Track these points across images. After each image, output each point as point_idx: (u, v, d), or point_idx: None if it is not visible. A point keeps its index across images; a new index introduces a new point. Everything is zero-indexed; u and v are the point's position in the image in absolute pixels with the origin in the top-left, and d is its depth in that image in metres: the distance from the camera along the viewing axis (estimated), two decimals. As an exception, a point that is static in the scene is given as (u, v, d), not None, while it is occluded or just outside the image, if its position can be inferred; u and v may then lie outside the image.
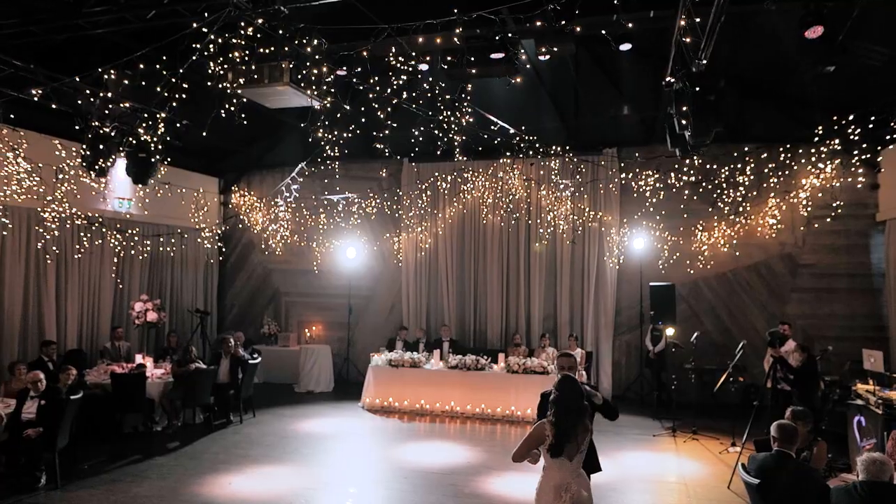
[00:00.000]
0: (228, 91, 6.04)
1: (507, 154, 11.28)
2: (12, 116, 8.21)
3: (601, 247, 11.75)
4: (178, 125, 7.73)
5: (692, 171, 10.71)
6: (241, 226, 13.83)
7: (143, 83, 6.15)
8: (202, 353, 11.32)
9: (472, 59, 7.23)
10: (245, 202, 13.51)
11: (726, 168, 10.67)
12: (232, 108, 6.23)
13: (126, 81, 5.98)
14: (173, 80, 5.80)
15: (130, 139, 6.47)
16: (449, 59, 7.91)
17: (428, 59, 7.03)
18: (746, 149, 10.64)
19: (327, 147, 9.71)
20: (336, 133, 10.44)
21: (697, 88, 4.91)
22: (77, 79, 5.89)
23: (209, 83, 5.85)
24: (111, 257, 11.12)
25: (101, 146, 6.48)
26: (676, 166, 10.80)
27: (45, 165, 8.12)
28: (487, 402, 10.05)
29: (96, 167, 6.78)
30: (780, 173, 10.77)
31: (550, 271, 12.09)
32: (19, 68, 6.73)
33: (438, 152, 11.99)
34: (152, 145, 6.90)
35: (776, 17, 7.32)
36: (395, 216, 12.83)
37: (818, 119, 9.28)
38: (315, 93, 6.40)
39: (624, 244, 11.52)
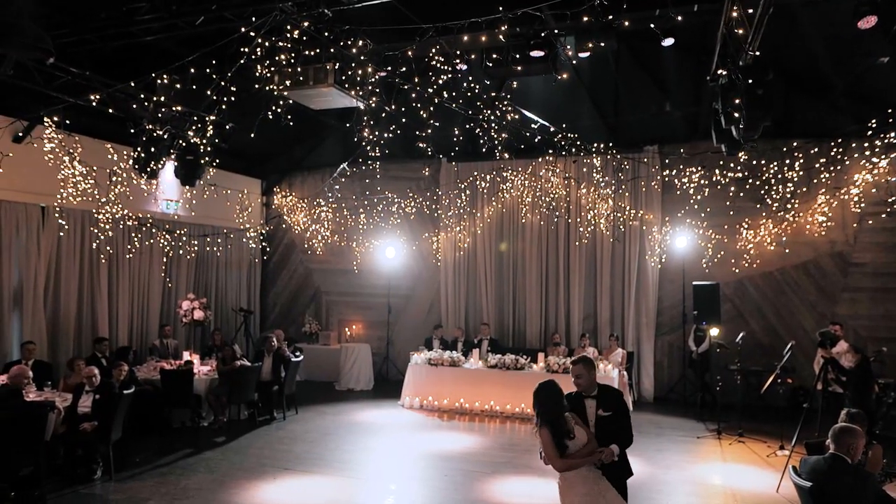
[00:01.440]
0: (275, 93, 6.17)
1: (549, 152, 11.23)
2: (68, 122, 8.58)
3: (642, 246, 11.57)
4: (226, 127, 7.92)
5: (738, 167, 10.44)
6: (283, 226, 14.11)
7: (194, 87, 6.34)
8: (245, 351, 11.60)
9: (516, 56, 7.23)
10: (287, 203, 13.78)
11: (774, 164, 10.37)
12: (279, 110, 6.35)
13: (177, 86, 6.16)
14: (222, 83, 5.96)
15: (180, 142, 6.66)
16: (493, 56, 7.95)
17: (472, 56, 7.04)
18: (795, 144, 10.33)
19: (368, 147, 9.81)
20: (377, 133, 10.60)
21: (749, 81, 4.77)
22: (131, 84, 6.11)
23: (256, 86, 5.99)
24: (160, 257, 11.48)
25: (152, 149, 6.70)
26: (721, 163, 10.55)
27: (100, 168, 8.42)
28: (528, 401, 9.93)
29: (148, 169, 7.01)
30: (830, 169, 10.42)
31: (590, 270, 11.97)
32: (75, 75, 7.02)
33: (479, 150, 12.09)
34: (201, 148, 7.10)
35: (827, 8, 7.11)
36: (434, 215, 12.89)
37: (871, 112, 8.95)
38: (359, 93, 6.48)
39: (666, 243, 11.32)
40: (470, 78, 9.06)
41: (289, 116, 6.45)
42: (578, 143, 10.77)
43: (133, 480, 6.72)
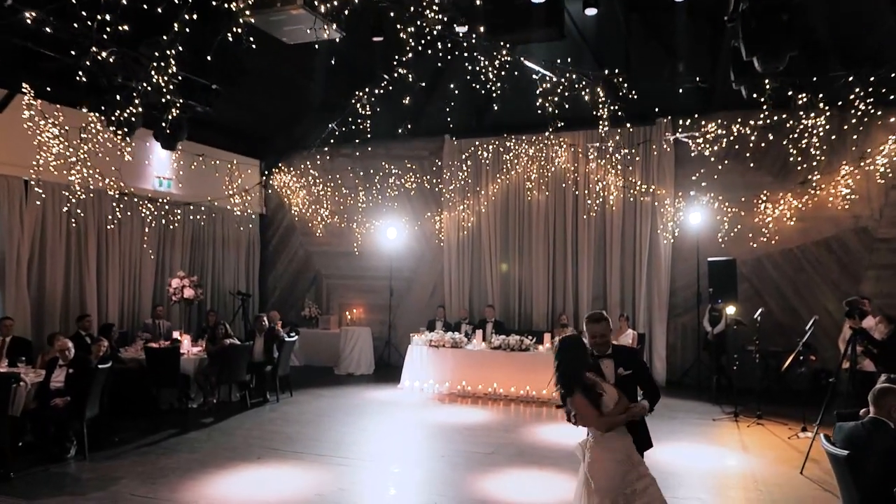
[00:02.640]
0: (236, 12, 5.54)
1: (558, 125, 10.75)
2: (49, 90, 8.19)
3: (654, 222, 11.02)
4: (211, 88, 7.46)
5: (755, 133, 9.84)
6: (283, 208, 13.72)
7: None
8: (242, 336, 11.20)
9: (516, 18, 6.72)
10: (286, 183, 13.38)
11: (795, 131, 9.75)
12: (239, 32, 5.81)
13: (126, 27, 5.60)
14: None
15: (145, 85, 6.20)
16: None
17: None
18: (818, 109, 9.69)
19: (366, 123, 9.39)
20: (377, 107, 10.18)
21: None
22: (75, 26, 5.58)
23: (214, 3, 5.48)
24: (152, 236, 11.10)
25: (117, 97, 6.26)
26: (737, 133, 9.99)
27: (72, 128, 8.00)
28: (532, 383, 9.52)
29: (117, 121, 6.51)
30: (854, 138, 9.82)
31: (599, 249, 11.44)
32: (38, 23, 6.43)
33: (483, 125, 11.62)
34: (166, 97, 6.57)
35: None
36: (437, 194, 12.43)
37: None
38: (333, 25, 5.96)
39: (679, 219, 10.76)
40: (472, 49, 8.62)
41: (251, 40, 5.87)
42: (586, 115, 10.28)
43: (109, 460, 6.31)
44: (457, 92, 10.47)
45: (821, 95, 8.77)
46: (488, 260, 12.02)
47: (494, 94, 9.26)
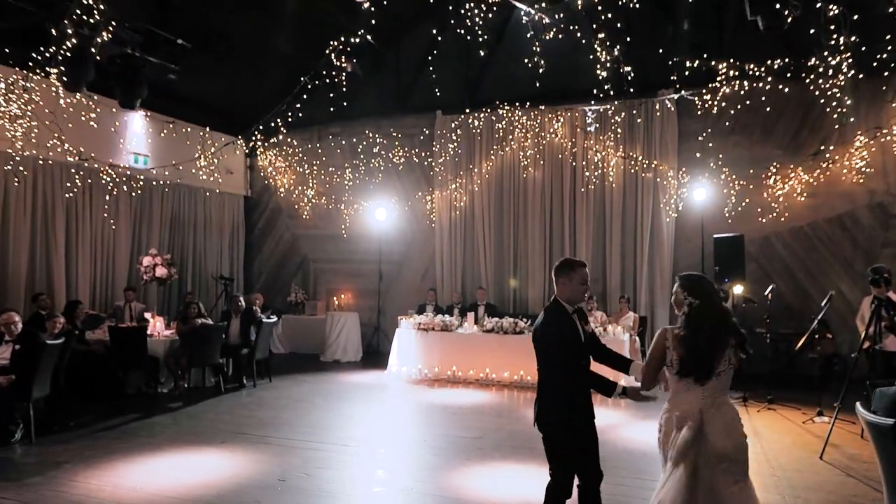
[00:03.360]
0: None
1: (556, 99, 10.22)
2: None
3: (656, 199, 10.43)
4: (176, 42, 6.87)
5: (763, 101, 9.26)
6: (269, 188, 13.15)
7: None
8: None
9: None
10: (272, 162, 12.82)
11: (807, 97, 9.13)
12: None
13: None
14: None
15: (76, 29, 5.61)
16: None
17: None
18: (834, 75, 9.09)
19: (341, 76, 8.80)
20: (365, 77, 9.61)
21: None
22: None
23: None
24: (127, 216, 10.53)
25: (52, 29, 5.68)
26: (745, 103, 9.43)
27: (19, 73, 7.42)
28: (526, 368, 8.93)
29: (52, 58, 5.89)
30: (869, 107, 9.23)
31: (598, 228, 10.85)
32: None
33: (476, 99, 11.03)
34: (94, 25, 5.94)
35: None
36: (428, 172, 11.85)
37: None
38: None
39: (682, 195, 10.17)
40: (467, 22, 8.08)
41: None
42: (585, 89, 9.72)
43: (58, 444, 5.74)
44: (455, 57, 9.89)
45: (840, 57, 8.15)
46: (482, 241, 11.43)
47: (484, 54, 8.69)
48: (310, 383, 8.99)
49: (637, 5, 8.34)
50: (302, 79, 9.51)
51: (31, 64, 6.43)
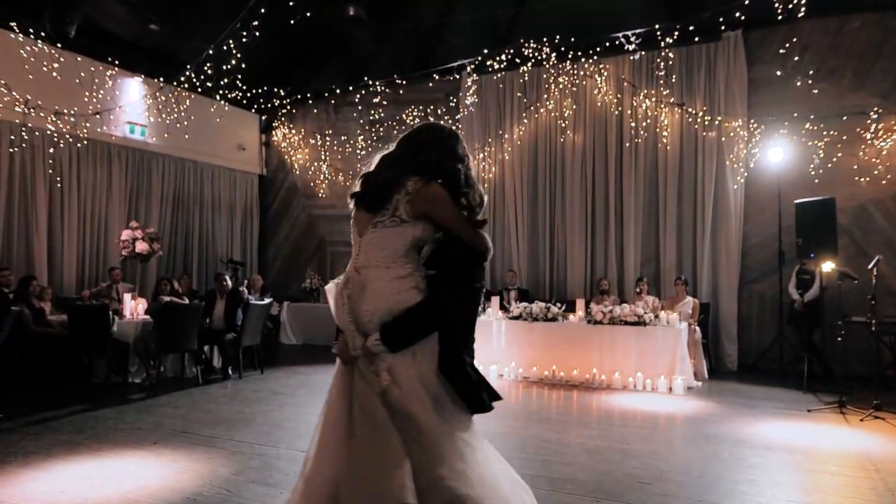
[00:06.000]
0: None
1: (599, 50, 8.69)
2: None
3: (720, 162, 8.71)
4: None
5: (855, 38, 7.44)
6: (285, 166, 12.13)
7: None
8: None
9: None
10: (286, 138, 11.79)
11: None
12: None
13: None
14: None
15: None
16: None
17: None
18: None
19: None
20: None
21: None
22: None
23: None
24: (120, 191, 9.64)
25: None
26: (831, 42, 7.63)
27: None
28: (560, 362, 7.43)
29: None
30: None
31: (651, 201, 9.20)
32: None
33: (506, 55, 9.61)
34: None
35: None
36: (452, 141, 10.48)
37: None
38: None
39: (754, 156, 8.41)
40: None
41: None
42: (631, 36, 8.18)
43: (-41, 440, 4.68)
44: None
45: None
46: (513, 216, 9.95)
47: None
48: (303, 375, 7.77)
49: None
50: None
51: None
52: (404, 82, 10.43)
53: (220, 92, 10.39)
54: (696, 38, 8.34)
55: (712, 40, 8.66)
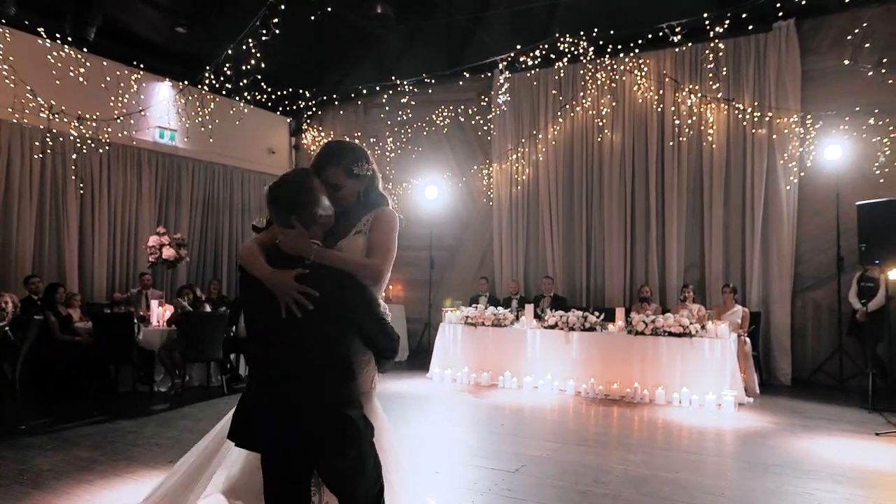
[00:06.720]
0: None
1: (639, 43, 8.24)
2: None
3: (771, 161, 8.16)
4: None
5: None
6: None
7: None
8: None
9: None
10: (315, 141, 11.63)
11: None
12: None
13: None
14: None
15: None
16: None
17: None
18: None
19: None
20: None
21: None
22: None
23: None
24: (150, 196, 9.58)
25: None
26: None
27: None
28: (599, 376, 7.01)
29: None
30: None
31: (695, 202, 8.70)
32: None
33: (540, 52, 9.22)
34: None
35: None
36: (485, 142, 10.16)
37: None
38: None
39: (810, 153, 7.84)
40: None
41: None
42: (676, 27, 7.71)
43: (-23, 454, 4.56)
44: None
45: None
46: (548, 221, 9.55)
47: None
48: (331, 386, 7.51)
49: None
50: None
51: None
52: (433, 82, 10.13)
53: (248, 95, 10.29)
54: (750, 27, 7.79)
55: (762, 31, 8.12)
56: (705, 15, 7.64)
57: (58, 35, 7.37)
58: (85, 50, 7.64)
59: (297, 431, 1.90)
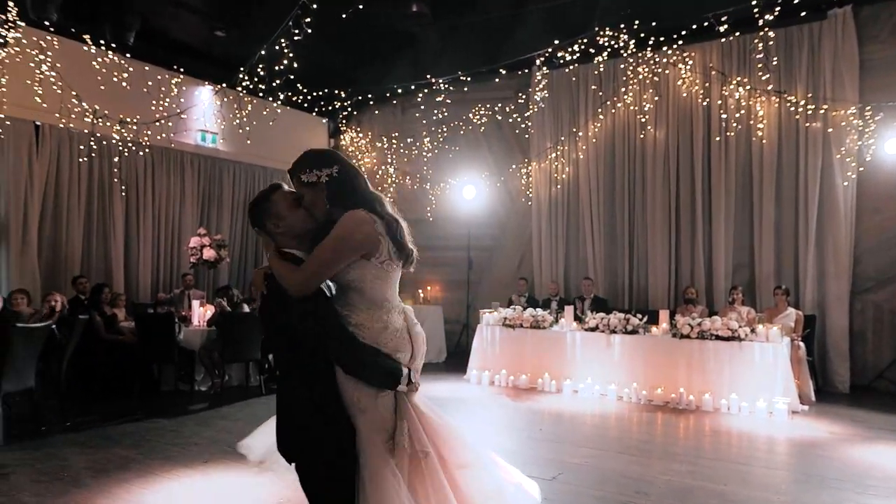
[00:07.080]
0: None
1: (683, 35, 7.95)
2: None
3: (826, 156, 7.75)
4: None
5: None
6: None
7: None
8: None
9: None
10: (353, 141, 11.67)
11: None
12: None
13: None
14: None
15: None
16: None
17: None
18: None
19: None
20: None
21: None
22: None
23: None
24: (193, 198, 9.76)
25: None
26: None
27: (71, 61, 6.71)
28: (642, 380, 6.77)
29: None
30: None
31: (744, 200, 8.34)
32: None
33: (578, 48, 9.01)
34: None
35: None
36: (523, 140, 9.99)
37: None
38: None
39: (869, 147, 7.40)
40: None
41: None
42: (723, 18, 7.41)
43: (21, 450, 4.67)
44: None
45: None
46: (589, 220, 9.32)
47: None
48: (368, 387, 7.48)
49: None
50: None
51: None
52: (469, 80, 10.01)
53: (283, 96, 10.38)
54: (802, 14, 7.39)
55: (816, 19, 7.73)
56: (754, 3, 7.28)
57: (101, 41, 7.57)
58: (127, 55, 7.82)
59: None
